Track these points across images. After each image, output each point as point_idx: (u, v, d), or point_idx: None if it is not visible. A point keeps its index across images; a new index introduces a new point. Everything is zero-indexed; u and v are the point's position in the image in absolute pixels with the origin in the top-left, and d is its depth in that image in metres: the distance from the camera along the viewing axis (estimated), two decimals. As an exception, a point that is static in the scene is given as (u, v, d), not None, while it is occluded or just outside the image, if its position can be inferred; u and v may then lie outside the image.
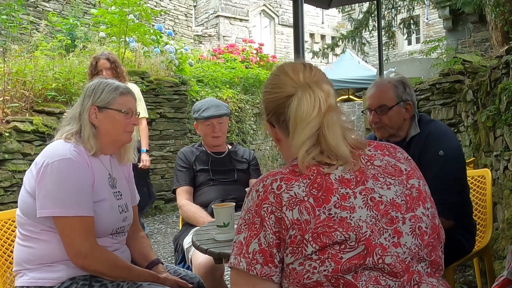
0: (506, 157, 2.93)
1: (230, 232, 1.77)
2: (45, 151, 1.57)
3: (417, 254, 0.99)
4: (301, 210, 0.95)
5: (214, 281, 2.04)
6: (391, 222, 0.98)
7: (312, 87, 1.05)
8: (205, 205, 2.40)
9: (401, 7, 10.14)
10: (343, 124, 1.05)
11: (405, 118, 1.99)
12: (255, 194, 1.00)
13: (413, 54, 14.74)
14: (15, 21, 6.14)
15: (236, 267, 0.97)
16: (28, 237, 1.54)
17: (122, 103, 1.66)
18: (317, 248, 0.93)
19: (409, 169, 1.09)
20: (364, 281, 0.93)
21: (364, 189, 1.00)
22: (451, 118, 5.09)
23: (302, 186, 0.98)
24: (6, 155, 4.39)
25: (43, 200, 1.46)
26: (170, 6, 12.59)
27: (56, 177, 1.47)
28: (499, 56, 3.46)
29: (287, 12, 18.51)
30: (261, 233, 0.96)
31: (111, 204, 1.63)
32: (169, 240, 4.73)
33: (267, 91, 1.14)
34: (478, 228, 2.32)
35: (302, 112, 1.03)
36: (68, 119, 1.67)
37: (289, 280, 0.95)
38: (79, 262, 1.47)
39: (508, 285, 1.30)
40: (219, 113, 2.54)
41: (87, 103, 1.64)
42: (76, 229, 1.46)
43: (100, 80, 1.70)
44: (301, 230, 0.94)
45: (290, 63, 1.15)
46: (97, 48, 6.60)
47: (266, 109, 1.14)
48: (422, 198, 1.05)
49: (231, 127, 7.82)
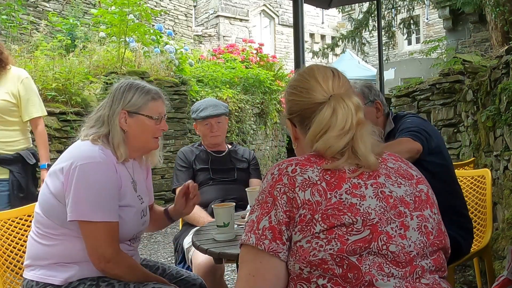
0: (506, 157, 2.93)
1: (230, 232, 1.77)
2: (71, 152, 1.54)
3: (422, 251, 1.01)
4: (313, 192, 1.00)
5: (214, 281, 2.04)
6: (399, 215, 1.02)
7: (344, 99, 1.09)
8: (205, 205, 2.40)
9: (401, 7, 10.16)
10: (373, 138, 1.10)
11: (377, 117, 2.16)
12: (270, 177, 1.05)
13: (413, 54, 14.75)
14: (15, 21, 6.15)
15: (246, 243, 1.00)
16: (45, 237, 1.53)
17: (153, 109, 1.61)
18: (325, 228, 0.96)
19: (419, 176, 1.13)
20: (368, 265, 0.95)
21: (376, 183, 1.04)
22: (451, 118, 5.09)
23: (316, 171, 1.02)
24: (6, 155, 4.38)
25: (72, 204, 1.44)
26: (170, 6, 12.59)
27: (84, 181, 1.44)
28: (499, 56, 3.46)
29: (287, 12, 18.52)
30: (272, 211, 1.00)
31: (136, 209, 1.61)
32: (169, 240, 4.73)
33: (294, 92, 1.16)
34: (478, 228, 2.32)
35: (335, 122, 1.06)
36: (95, 120, 1.61)
37: (296, 258, 0.98)
38: (101, 266, 1.46)
39: (508, 285, 1.30)
40: (217, 113, 2.54)
41: (116, 106, 1.58)
42: (101, 234, 1.44)
43: (130, 81, 1.65)
44: (311, 210, 0.98)
45: (320, 68, 1.17)
46: (97, 48, 6.61)
47: (290, 109, 1.18)
48: (430, 203, 1.09)
49: (231, 127, 7.82)
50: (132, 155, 1.65)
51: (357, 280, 0.94)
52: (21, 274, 1.73)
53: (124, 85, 1.62)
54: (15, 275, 1.82)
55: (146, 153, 1.72)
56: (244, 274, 1.01)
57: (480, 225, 2.34)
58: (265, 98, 9.45)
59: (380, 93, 2.23)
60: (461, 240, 1.97)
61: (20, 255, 1.84)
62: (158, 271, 1.76)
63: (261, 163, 8.78)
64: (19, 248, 1.85)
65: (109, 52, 6.52)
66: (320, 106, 1.10)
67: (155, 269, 1.77)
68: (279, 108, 9.87)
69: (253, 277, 0.99)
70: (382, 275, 0.96)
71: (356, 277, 0.94)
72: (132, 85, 1.62)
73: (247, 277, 1.00)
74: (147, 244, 4.67)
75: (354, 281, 0.94)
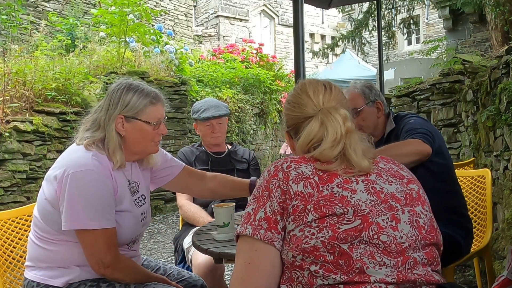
0: (506, 157, 2.93)
1: (230, 232, 1.77)
2: (64, 158, 1.51)
3: (414, 243, 1.03)
4: (306, 185, 1.05)
5: (214, 281, 2.04)
6: (390, 209, 1.05)
7: (331, 113, 1.15)
8: (205, 205, 2.40)
9: (401, 7, 10.15)
10: (363, 144, 1.16)
11: (378, 117, 2.18)
12: (266, 173, 1.11)
13: (413, 54, 14.73)
14: (15, 21, 6.14)
15: (242, 234, 1.05)
16: (43, 240, 1.52)
17: (151, 113, 1.55)
18: (317, 217, 1.01)
19: (410, 176, 1.17)
20: (359, 253, 0.98)
21: (366, 179, 1.08)
22: (451, 118, 5.09)
23: (309, 167, 1.08)
24: (6, 155, 4.40)
25: (66, 213, 1.42)
26: (170, 6, 12.59)
27: (77, 189, 1.42)
28: (499, 56, 3.46)
29: (287, 12, 18.52)
30: (268, 203, 1.05)
31: (133, 214, 1.58)
32: (169, 240, 4.73)
33: (288, 107, 1.25)
34: (478, 228, 2.32)
35: (326, 135, 1.13)
36: (91, 122, 1.56)
37: (289, 246, 1.02)
38: (101, 272, 1.45)
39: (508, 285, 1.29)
40: (219, 114, 2.54)
41: (113, 111, 1.52)
42: (99, 241, 1.42)
43: (127, 82, 1.58)
44: (304, 201, 1.03)
45: (312, 82, 1.25)
46: (97, 48, 6.61)
47: (287, 122, 1.26)
48: (421, 201, 1.11)
49: (231, 127, 7.82)
50: (130, 159, 1.61)
51: (348, 267, 0.97)
52: (21, 274, 1.73)
53: (122, 87, 1.56)
54: (15, 275, 1.82)
55: (145, 157, 1.69)
56: (240, 263, 1.04)
57: (480, 225, 2.34)
58: (265, 98, 9.45)
59: (380, 93, 2.24)
60: (461, 240, 1.97)
61: (20, 255, 1.84)
62: (159, 272, 1.76)
63: (261, 163, 8.78)
64: (19, 248, 1.85)
65: (109, 52, 6.52)
66: (309, 119, 1.17)
67: (156, 269, 1.77)
68: (279, 108, 9.86)
69: (249, 265, 1.02)
70: (373, 263, 0.98)
71: (347, 264, 0.97)
72: (130, 87, 1.56)
73: (242, 266, 1.03)
74: (147, 244, 4.67)
75: (345, 267, 0.97)
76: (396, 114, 2.23)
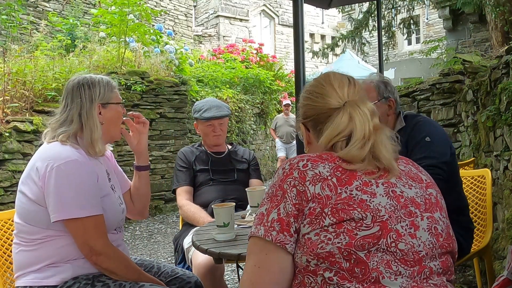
0: (506, 157, 2.93)
1: (230, 232, 1.77)
2: (43, 154, 1.53)
3: (431, 251, 1.01)
4: (323, 186, 1.00)
5: (214, 281, 2.04)
6: (410, 215, 1.01)
7: (359, 106, 1.11)
8: (205, 205, 2.40)
9: (401, 7, 10.15)
10: (391, 143, 1.11)
11: (388, 114, 2.11)
12: (281, 171, 1.06)
13: (413, 54, 14.74)
14: (15, 21, 6.14)
15: (255, 235, 1.01)
16: (31, 244, 1.52)
17: (117, 95, 1.70)
18: (334, 221, 0.97)
19: (429, 180, 1.13)
20: (375, 261, 0.95)
21: (387, 182, 1.04)
22: (451, 118, 5.09)
23: (327, 167, 1.03)
24: (6, 155, 4.40)
25: (54, 205, 1.45)
26: (170, 6, 12.59)
27: (64, 180, 1.45)
28: (499, 56, 3.46)
29: (287, 12, 18.52)
30: (281, 204, 1.01)
31: (113, 198, 1.64)
32: (169, 240, 4.73)
33: (310, 97, 1.18)
34: (478, 228, 2.32)
35: (355, 131, 1.08)
36: (61, 121, 1.61)
37: (303, 250, 0.98)
38: (93, 259, 1.48)
39: (508, 285, 1.29)
40: (220, 115, 2.54)
41: (90, 103, 1.60)
42: (89, 228, 1.47)
43: (85, 77, 1.66)
44: (321, 203, 0.98)
45: (337, 75, 1.19)
46: (97, 48, 6.60)
47: (305, 113, 1.20)
48: (439, 207, 1.09)
49: (231, 127, 7.82)
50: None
51: (364, 276, 0.95)
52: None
53: (85, 82, 1.63)
54: (15, 275, 1.82)
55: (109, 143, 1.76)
56: (250, 265, 1.02)
57: (480, 225, 2.34)
58: (265, 98, 9.46)
59: (395, 91, 2.17)
60: (462, 240, 1.97)
61: (20, 255, 1.83)
62: (153, 270, 1.77)
63: (261, 163, 8.78)
64: (19, 248, 1.85)
65: (109, 52, 6.52)
66: (335, 111, 1.12)
67: (150, 267, 1.78)
68: (279, 108, 9.87)
69: (258, 269, 1.00)
70: (389, 273, 0.95)
71: (363, 272, 0.95)
72: (92, 79, 1.65)
73: (252, 269, 1.01)
74: (147, 244, 4.67)
75: (360, 276, 0.95)
76: (407, 113, 2.19)
